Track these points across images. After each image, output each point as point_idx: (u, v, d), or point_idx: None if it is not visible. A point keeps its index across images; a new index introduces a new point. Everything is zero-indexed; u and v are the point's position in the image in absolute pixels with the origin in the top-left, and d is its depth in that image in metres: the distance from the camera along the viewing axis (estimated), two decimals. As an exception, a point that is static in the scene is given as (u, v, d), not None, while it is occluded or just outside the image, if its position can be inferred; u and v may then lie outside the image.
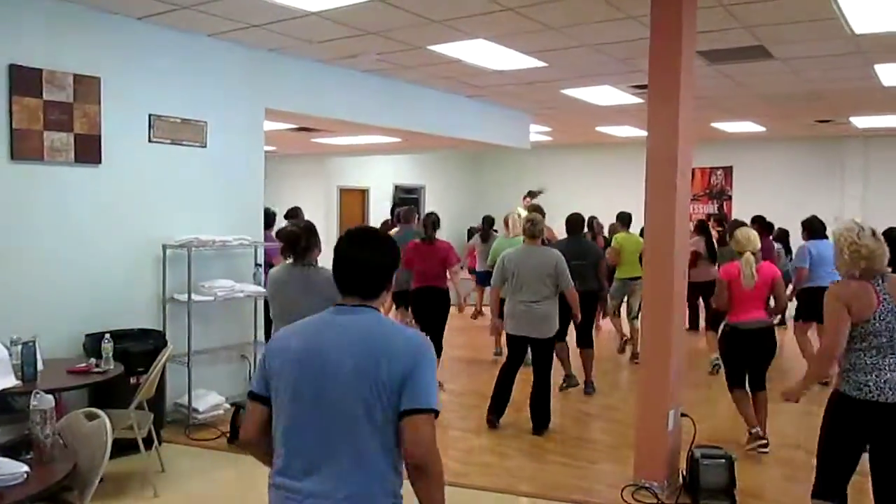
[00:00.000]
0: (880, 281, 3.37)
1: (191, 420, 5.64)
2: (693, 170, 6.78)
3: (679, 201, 4.49)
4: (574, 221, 7.21)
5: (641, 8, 4.92)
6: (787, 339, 8.57)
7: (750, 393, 5.40)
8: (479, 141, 9.57)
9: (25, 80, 4.87)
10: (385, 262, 2.11)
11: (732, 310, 5.31)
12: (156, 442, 4.79)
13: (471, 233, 12.21)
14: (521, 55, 6.52)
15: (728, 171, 13.23)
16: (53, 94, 5.02)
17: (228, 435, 5.46)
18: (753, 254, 5.26)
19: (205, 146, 6.02)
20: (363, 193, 13.49)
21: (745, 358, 5.36)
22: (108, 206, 5.40)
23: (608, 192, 14.08)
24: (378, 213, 13.28)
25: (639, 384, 4.72)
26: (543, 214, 8.78)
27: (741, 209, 12.56)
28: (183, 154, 5.87)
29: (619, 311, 8.86)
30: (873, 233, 3.39)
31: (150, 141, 5.64)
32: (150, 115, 5.62)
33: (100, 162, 5.31)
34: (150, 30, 5.56)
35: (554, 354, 6.03)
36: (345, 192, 12.92)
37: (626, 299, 8.76)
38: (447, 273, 7.04)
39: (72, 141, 5.14)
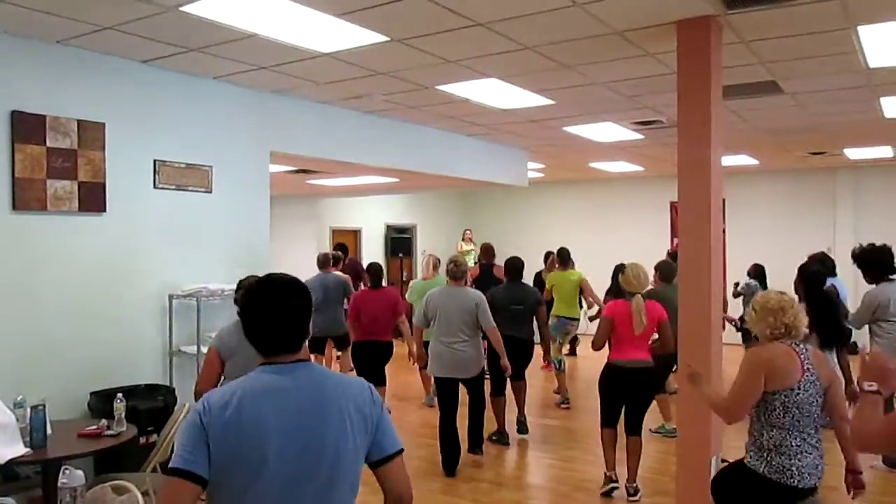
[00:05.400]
0: (804, 349, 3.21)
1: (201, 480, 5.34)
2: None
3: (713, 240, 4.38)
4: (513, 266, 7.03)
5: (661, 45, 4.88)
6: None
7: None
8: (478, 179, 9.45)
9: (28, 127, 4.68)
10: (310, 307, 2.01)
11: (613, 348, 5.24)
12: (169, 506, 4.49)
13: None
14: (530, 94, 6.44)
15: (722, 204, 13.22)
16: (57, 141, 4.82)
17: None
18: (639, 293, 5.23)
19: (210, 191, 5.83)
20: (355, 234, 13.31)
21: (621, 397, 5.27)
22: (112, 257, 5.17)
23: (601, 228, 14.11)
24: (370, 253, 13.09)
25: (679, 430, 4.55)
26: (493, 254, 8.71)
27: (736, 243, 12.55)
28: (188, 200, 5.68)
29: (563, 366, 8.38)
30: (795, 300, 3.27)
31: (154, 187, 5.45)
32: (154, 161, 5.44)
33: (104, 210, 5.10)
34: (154, 73, 5.40)
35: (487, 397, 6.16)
36: (337, 233, 12.72)
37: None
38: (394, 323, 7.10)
39: (76, 189, 4.93)
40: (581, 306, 8.86)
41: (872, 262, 5.78)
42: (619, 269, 7.81)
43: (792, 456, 3.14)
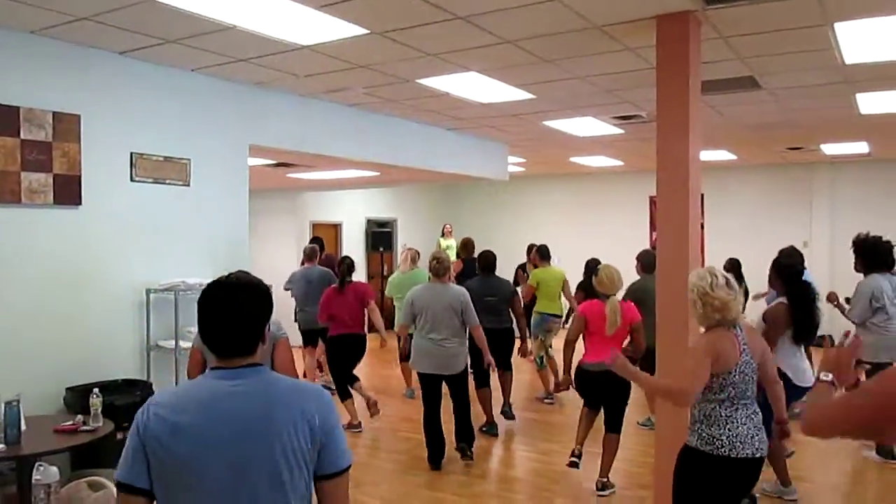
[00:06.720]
0: (739, 330, 3.30)
1: (179, 475, 5.30)
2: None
3: (691, 235, 4.42)
4: (485, 260, 7.10)
5: (640, 40, 4.89)
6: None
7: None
8: (458, 174, 9.45)
9: (1, 119, 4.60)
10: (266, 311, 1.95)
11: (585, 351, 5.24)
12: (147, 502, 4.46)
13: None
14: (510, 88, 6.44)
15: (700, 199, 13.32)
16: (32, 133, 4.75)
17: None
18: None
19: (188, 185, 5.77)
20: (336, 228, 13.26)
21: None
22: (88, 250, 5.11)
23: (581, 222, 14.17)
24: (351, 247, 13.05)
25: (658, 422, 4.58)
26: (473, 249, 8.76)
27: (714, 238, 12.65)
28: (166, 193, 5.62)
29: (545, 362, 8.31)
30: (727, 282, 3.30)
31: (131, 180, 5.38)
32: (131, 154, 5.37)
33: (80, 203, 5.03)
34: (131, 65, 5.33)
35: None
36: (317, 227, 12.65)
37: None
38: (365, 313, 7.19)
39: (51, 182, 4.86)
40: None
41: (871, 252, 5.85)
42: (592, 263, 7.89)
43: (721, 426, 3.19)
